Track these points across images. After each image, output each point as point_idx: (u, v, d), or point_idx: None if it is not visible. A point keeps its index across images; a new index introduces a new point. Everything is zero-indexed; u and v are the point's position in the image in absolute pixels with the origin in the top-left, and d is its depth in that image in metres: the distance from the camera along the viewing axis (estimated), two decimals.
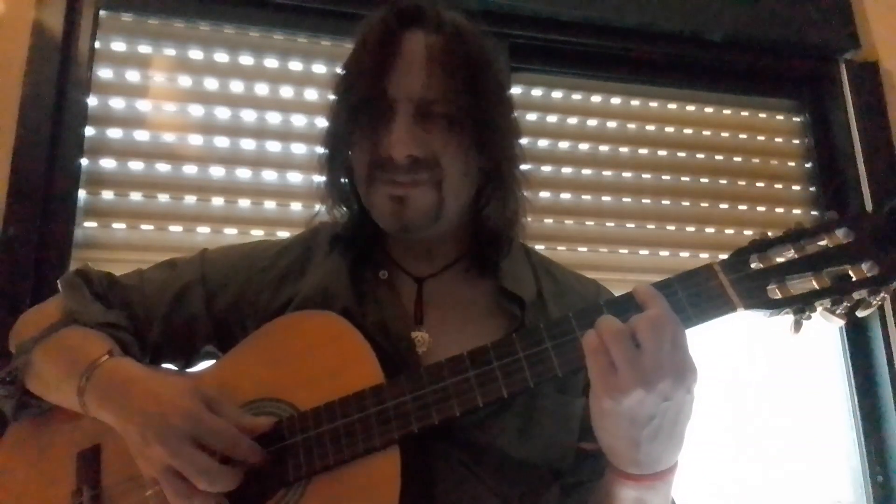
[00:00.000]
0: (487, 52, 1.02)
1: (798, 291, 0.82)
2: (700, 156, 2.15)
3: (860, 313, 0.82)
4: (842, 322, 0.82)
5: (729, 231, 2.10)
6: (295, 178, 1.84)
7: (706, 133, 2.18)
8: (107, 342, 0.98)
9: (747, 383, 1.97)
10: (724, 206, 2.12)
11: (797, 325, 0.82)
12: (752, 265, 0.83)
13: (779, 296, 0.82)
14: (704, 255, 2.05)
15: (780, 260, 0.83)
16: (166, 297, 1.06)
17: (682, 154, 2.14)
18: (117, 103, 1.77)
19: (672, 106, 2.18)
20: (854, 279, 0.80)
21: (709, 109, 2.21)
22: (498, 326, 1.00)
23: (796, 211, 2.17)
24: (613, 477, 0.85)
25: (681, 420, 0.80)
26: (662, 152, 2.12)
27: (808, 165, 2.22)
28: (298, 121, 1.86)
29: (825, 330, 2.02)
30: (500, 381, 0.85)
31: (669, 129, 2.15)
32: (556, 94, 2.10)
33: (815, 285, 0.81)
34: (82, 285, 1.06)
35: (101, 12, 1.78)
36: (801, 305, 0.81)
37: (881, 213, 0.82)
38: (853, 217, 0.82)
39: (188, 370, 1.08)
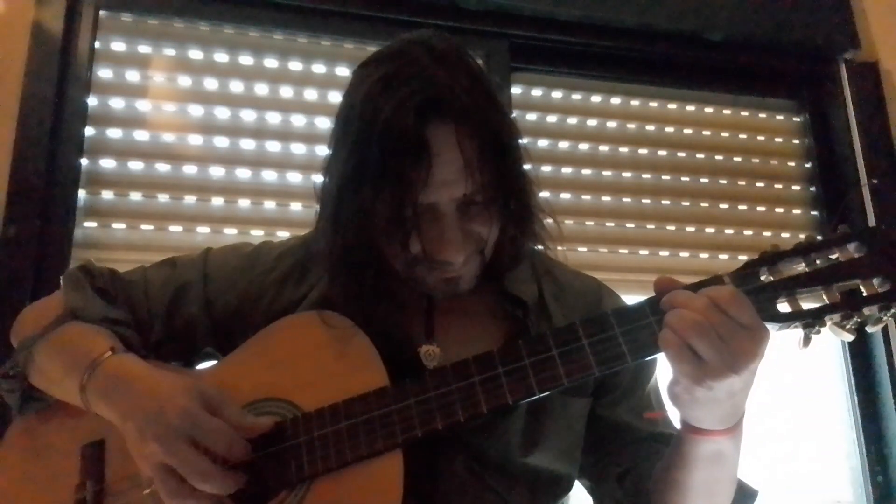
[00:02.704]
0: (496, 94, 0.93)
1: (808, 306, 0.81)
2: (700, 156, 2.15)
3: (870, 329, 0.82)
4: (851, 337, 0.82)
5: (729, 231, 2.10)
6: (295, 178, 1.83)
7: (706, 133, 2.18)
8: (109, 339, 0.97)
9: None
10: (724, 206, 2.12)
11: (806, 340, 0.82)
12: (762, 278, 0.83)
13: (788, 309, 0.81)
14: (704, 255, 2.06)
15: (790, 273, 0.83)
16: (167, 295, 1.06)
17: (682, 154, 2.14)
18: (117, 103, 1.77)
19: (672, 106, 2.18)
20: (865, 294, 0.80)
21: (709, 109, 2.21)
22: (501, 330, 1.00)
23: (796, 211, 2.18)
24: (690, 437, 0.85)
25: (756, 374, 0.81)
26: (662, 152, 2.12)
27: (808, 165, 2.22)
28: (298, 121, 1.86)
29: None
30: (504, 387, 0.85)
31: (669, 129, 2.15)
32: (556, 94, 2.10)
33: (826, 300, 0.81)
34: (85, 281, 1.06)
35: (101, 12, 1.78)
36: (811, 320, 0.81)
37: (893, 228, 0.81)
38: (865, 232, 0.82)
39: (190, 368, 1.08)
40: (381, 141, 0.84)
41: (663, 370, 0.86)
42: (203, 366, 1.08)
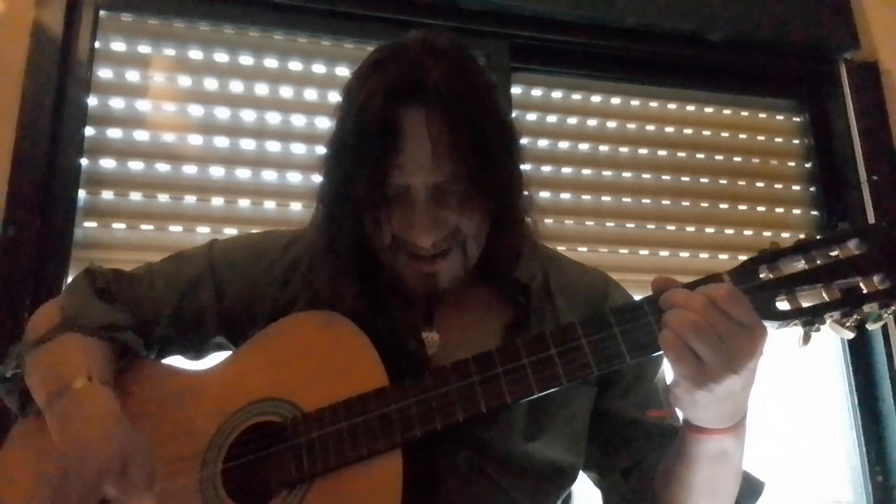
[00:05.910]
0: (487, 90, 0.94)
1: (808, 303, 0.81)
2: (700, 156, 2.15)
3: (870, 326, 0.82)
4: (851, 335, 0.82)
5: (729, 231, 2.10)
6: (295, 178, 1.84)
7: (706, 133, 2.18)
8: (93, 363, 0.95)
9: None
10: (724, 206, 2.12)
11: (806, 338, 0.82)
12: (762, 275, 0.83)
13: (788, 307, 0.81)
14: (704, 255, 2.06)
15: (790, 271, 0.83)
16: (175, 289, 1.06)
17: (682, 154, 2.14)
18: (117, 103, 1.77)
19: (672, 106, 2.18)
20: (865, 292, 0.80)
21: (709, 109, 2.21)
22: (501, 318, 1.01)
23: (796, 211, 2.18)
24: (692, 436, 0.86)
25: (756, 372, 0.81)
26: (662, 152, 2.13)
27: (808, 165, 2.22)
28: (298, 121, 1.87)
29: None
30: (504, 387, 0.85)
31: (669, 129, 2.15)
32: (556, 94, 2.10)
33: (826, 297, 0.80)
34: (85, 285, 1.06)
35: (101, 12, 1.78)
36: (811, 318, 0.81)
37: (893, 225, 0.81)
38: (865, 229, 0.81)
39: (199, 361, 1.09)
40: (357, 120, 0.88)
41: (668, 369, 0.86)
42: (213, 358, 1.09)
